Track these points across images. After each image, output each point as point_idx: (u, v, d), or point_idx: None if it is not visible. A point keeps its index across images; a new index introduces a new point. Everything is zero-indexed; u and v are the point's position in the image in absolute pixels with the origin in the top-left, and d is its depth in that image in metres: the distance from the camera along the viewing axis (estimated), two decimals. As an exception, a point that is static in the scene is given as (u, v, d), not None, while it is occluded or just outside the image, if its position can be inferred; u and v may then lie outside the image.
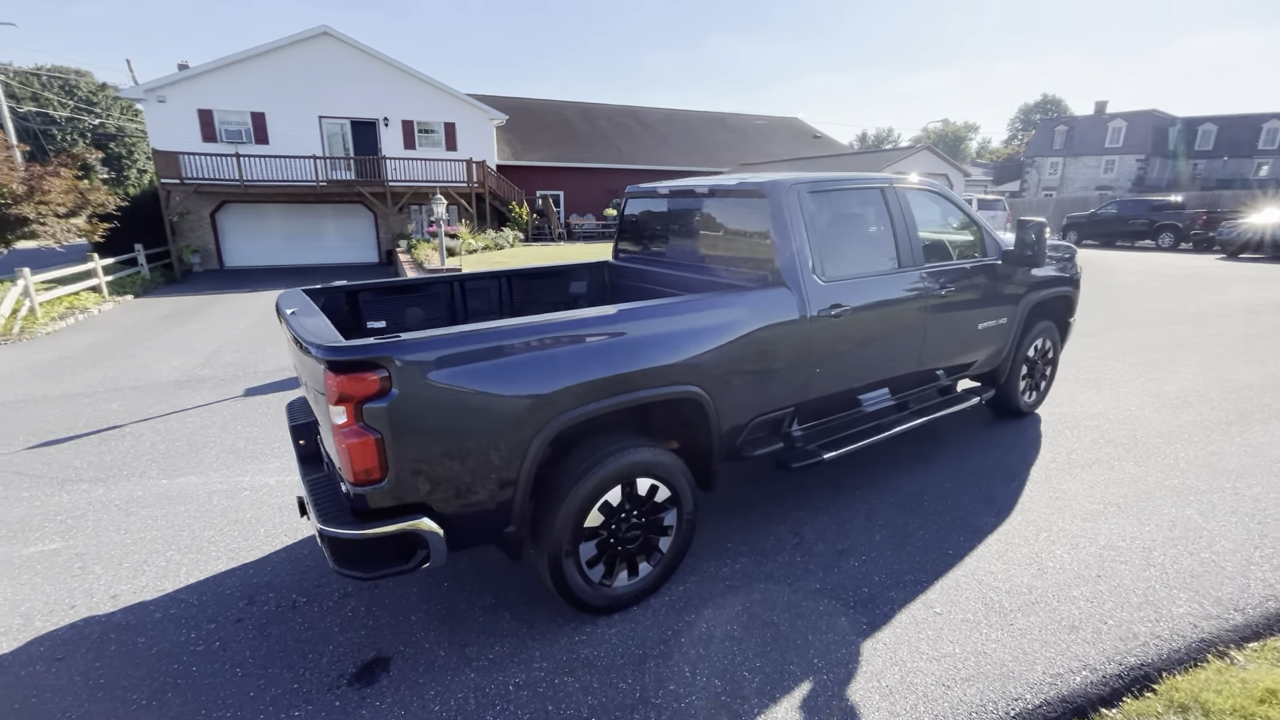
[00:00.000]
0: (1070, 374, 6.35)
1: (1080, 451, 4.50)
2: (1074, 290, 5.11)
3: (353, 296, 3.71)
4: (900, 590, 3.02)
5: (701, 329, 2.87)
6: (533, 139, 26.91)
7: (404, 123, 21.82)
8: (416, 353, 2.18)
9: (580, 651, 2.69)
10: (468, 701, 2.44)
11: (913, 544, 3.41)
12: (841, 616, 2.85)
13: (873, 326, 3.62)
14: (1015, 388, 4.88)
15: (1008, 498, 3.87)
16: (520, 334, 2.39)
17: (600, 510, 2.72)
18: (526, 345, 2.40)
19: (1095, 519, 3.59)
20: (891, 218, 3.79)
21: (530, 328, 2.42)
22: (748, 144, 32.25)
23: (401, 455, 2.21)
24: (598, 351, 2.55)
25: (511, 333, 2.37)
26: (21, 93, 51.66)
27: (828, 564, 3.25)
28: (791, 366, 3.25)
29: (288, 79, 19.90)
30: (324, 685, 2.54)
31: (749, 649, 2.66)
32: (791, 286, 3.25)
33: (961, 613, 2.85)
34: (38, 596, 3.20)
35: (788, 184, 3.37)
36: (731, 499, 3.96)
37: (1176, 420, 5.05)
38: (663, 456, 2.85)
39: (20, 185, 10.72)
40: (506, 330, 2.38)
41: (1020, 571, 3.13)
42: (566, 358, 2.48)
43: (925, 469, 4.30)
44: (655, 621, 2.86)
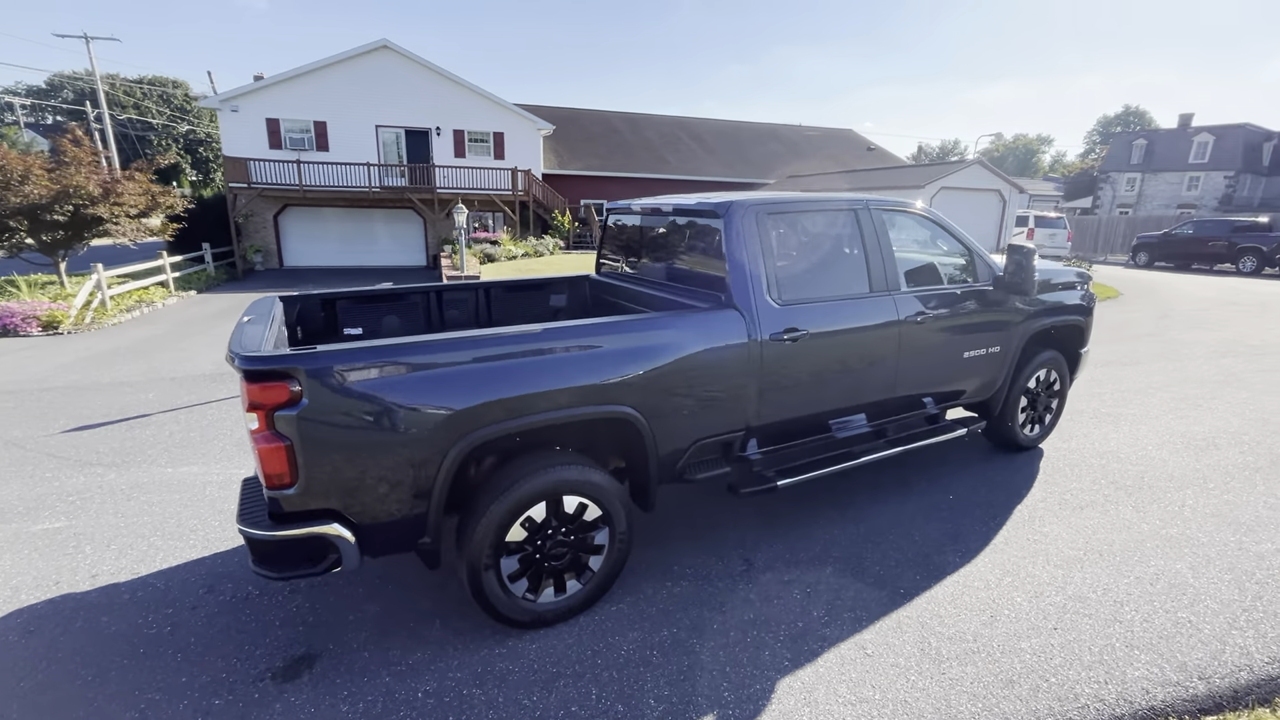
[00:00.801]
0: (1091, 407, 5.96)
1: (1076, 492, 4.22)
2: (1085, 319, 4.82)
3: (329, 304, 3.88)
4: (836, 628, 2.92)
5: (632, 350, 2.86)
6: (579, 148, 27.36)
7: (455, 132, 22.60)
8: (326, 364, 2.27)
9: (496, 664, 2.72)
10: (375, 705, 2.50)
11: (864, 579, 3.28)
12: (767, 650, 2.78)
13: (837, 352, 3.52)
14: (1013, 420, 4.63)
15: (981, 537, 3.68)
16: (434, 350, 2.45)
17: (523, 526, 2.75)
18: (440, 361, 2.46)
19: (1070, 566, 3.37)
20: (864, 241, 3.68)
21: (444, 344, 2.48)
22: (798, 156, 31.80)
23: (311, 462, 2.30)
24: (516, 369, 2.59)
25: (425, 348, 2.44)
26: (125, 101, 56.32)
27: (769, 594, 3.17)
28: (738, 390, 3.20)
29: (348, 90, 20.96)
30: (250, 677, 2.66)
31: (662, 676, 2.63)
32: (742, 309, 3.20)
33: (894, 656, 2.73)
34: (30, 571, 3.47)
35: (744, 205, 3.33)
36: (691, 520, 3.91)
37: (1196, 463, 4.67)
38: (592, 475, 2.85)
39: (97, 188, 11.69)
40: (419, 346, 2.44)
41: (970, 618, 2.97)
42: (482, 374, 2.52)
43: (902, 501, 4.13)
44: (578, 640, 2.86)
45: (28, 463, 4.96)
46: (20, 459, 5.04)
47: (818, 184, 23.95)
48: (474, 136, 22.93)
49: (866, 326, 3.59)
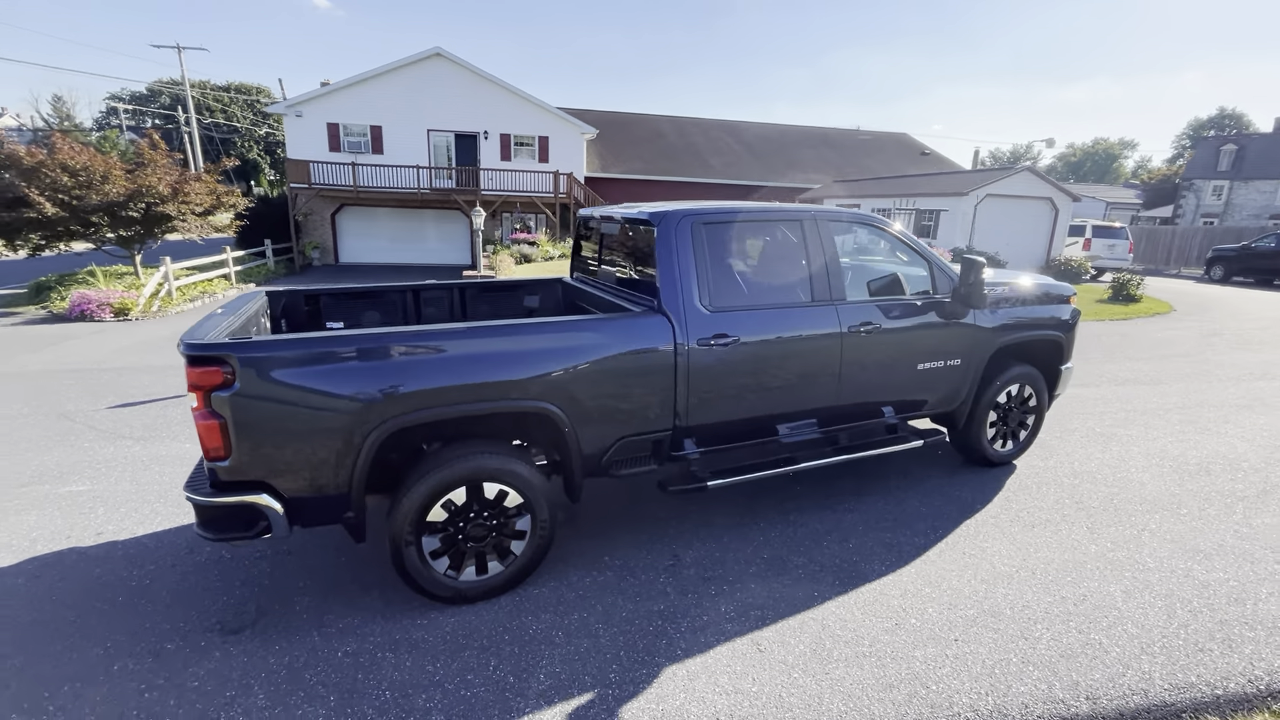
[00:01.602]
0: (1086, 425, 5.75)
1: (1034, 510, 4.14)
2: (1064, 334, 4.69)
3: (314, 299, 4.25)
4: (740, 624, 3.03)
5: (552, 350, 3.06)
6: (623, 151, 27.72)
7: (502, 136, 23.35)
8: (256, 353, 2.57)
9: (414, 633, 2.97)
10: (298, 660, 2.79)
11: (784, 580, 3.37)
12: (665, 640, 2.92)
13: (772, 359, 3.61)
14: (979, 434, 4.57)
15: (916, 548, 3.68)
16: (355, 342, 2.72)
17: (444, 507, 2.99)
18: (361, 353, 2.73)
19: (996, 582, 3.35)
20: (807, 250, 3.76)
21: (366, 337, 2.75)
22: (847, 160, 31.19)
23: (242, 439, 2.61)
24: (434, 363, 2.83)
25: (347, 341, 2.72)
26: (214, 106, 60.60)
27: (685, 588, 3.31)
28: (663, 392, 3.35)
29: (403, 95, 22.01)
30: (201, 628, 3.00)
31: (560, 655, 2.81)
32: (671, 314, 3.35)
33: (785, 654, 2.82)
34: (49, 526, 3.96)
35: (677, 214, 3.47)
36: (634, 515, 4.07)
37: (1177, 488, 4.48)
38: (513, 465, 3.07)
39: (166, 188, 12.80)
40: (342, 338, 2.72)
41: (874, 624, 3.02)
42: (401, 366, 2.78)
43: (851, 508, 4.16)
44: (494, 618, 3.08)
45: (72, 433, 5.59)
46: (67, 430, 5.68)
47: (863, 189, 23.45)
48: (520, 140, 23.62)
49: (805, 335, 3.67)
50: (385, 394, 2.74)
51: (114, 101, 67.42)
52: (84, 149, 12.75)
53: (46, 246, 12.72)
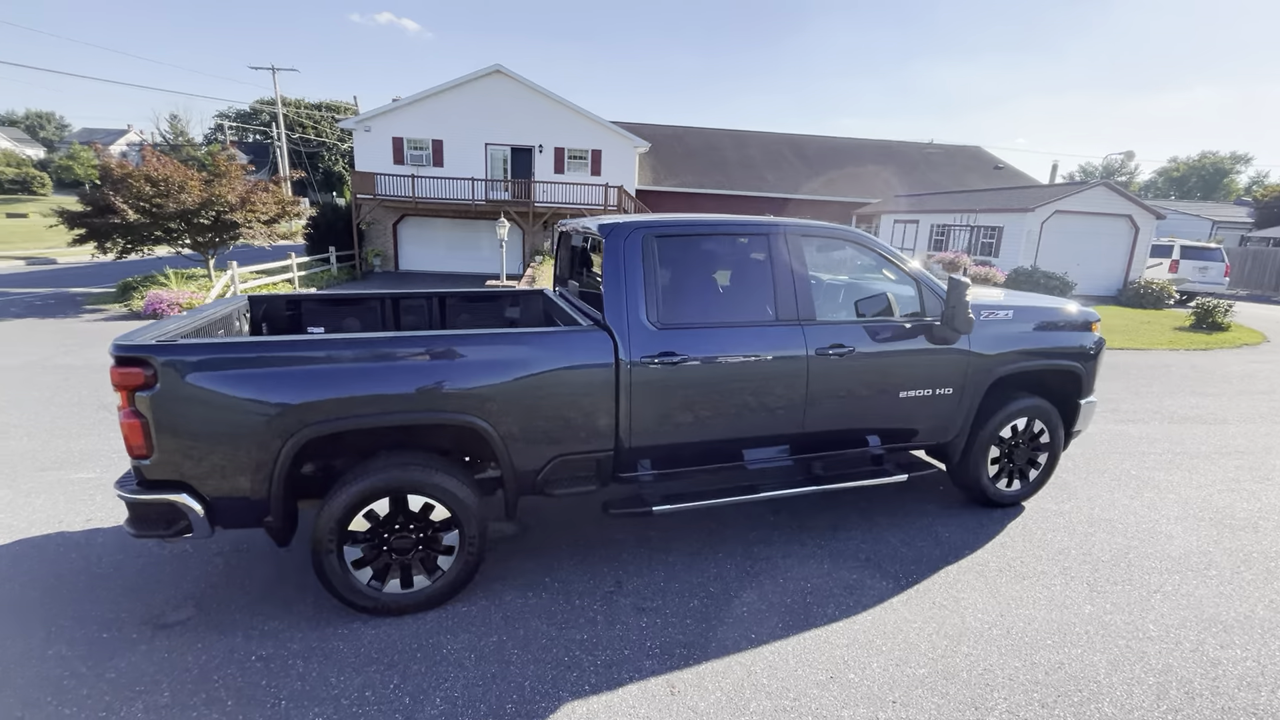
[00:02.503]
0: (1122, 466, 5.16)
1: (1030, 559, 3.72)
2: (1083, 365, 4.23)
3: (295, 305, 4.37)
4: (661, 661, 2.84)
5: (479, 363, 2.99)
6: (677, 165, 27.73)
7: (556, 149, 23.84)
8: (174, 356, 2.63)
9: (330, 643, 2.94)
10: (214, 660, 2.82)
11: (725, 618, 3.14)
12: (577, 672, 2.77)
13: (728, 380, 3.41)
14: (977, 471, 4.17)
15: (880, 593, 3.37)
16: (270, 349, 2.74)
17: (366, 517, 2.97)
18: (279, 359, 2.74)
19: (963, 639, 3.00)
20: (773, 266, 3.54)
21: (279, 344, 2.77)
22: (911, 175, 30.02)
23: (163, 439, 2.67)
24: (349, 372, 2.81)
25: (262, 347, 2.74)
26: (306, 122, 65.17)
27: (616, 617, 3.14)
28: (603, 411, 3.21)
29: (463, 111, 22.87)
30: (138, 619, 3.09)
31: (463, 679, 2.71)
32: (614, 330, 3.22)
33: (698, 700, 2.61)
34: (49, 510, 4.22)
35: (626, 227, 3.35)
36: (591, 536, 3.93)
37: (1211, 546, 3.92)
38: (439, 478, 3.01)
39: (235, 198, 13.75)
40: (261, 344, 2.75)
41: (808, 674, 2.76)
42: (316, 375, 2.78)
43: (823, 543, 3.87)
44: (413, 633, 3.01)
45: (104, 424, 5.99)
46: (104, 420, 6.10)
47: (922, 204, 22.45)
48: (573, 154, 24.04)
49: (764, 357, 3.45)
50: (300, 402, 2.74)
51: (221, 119, 73.72)
52: (168, 161, 13.90)
53: (132, 250, 13.89)
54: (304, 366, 2.77)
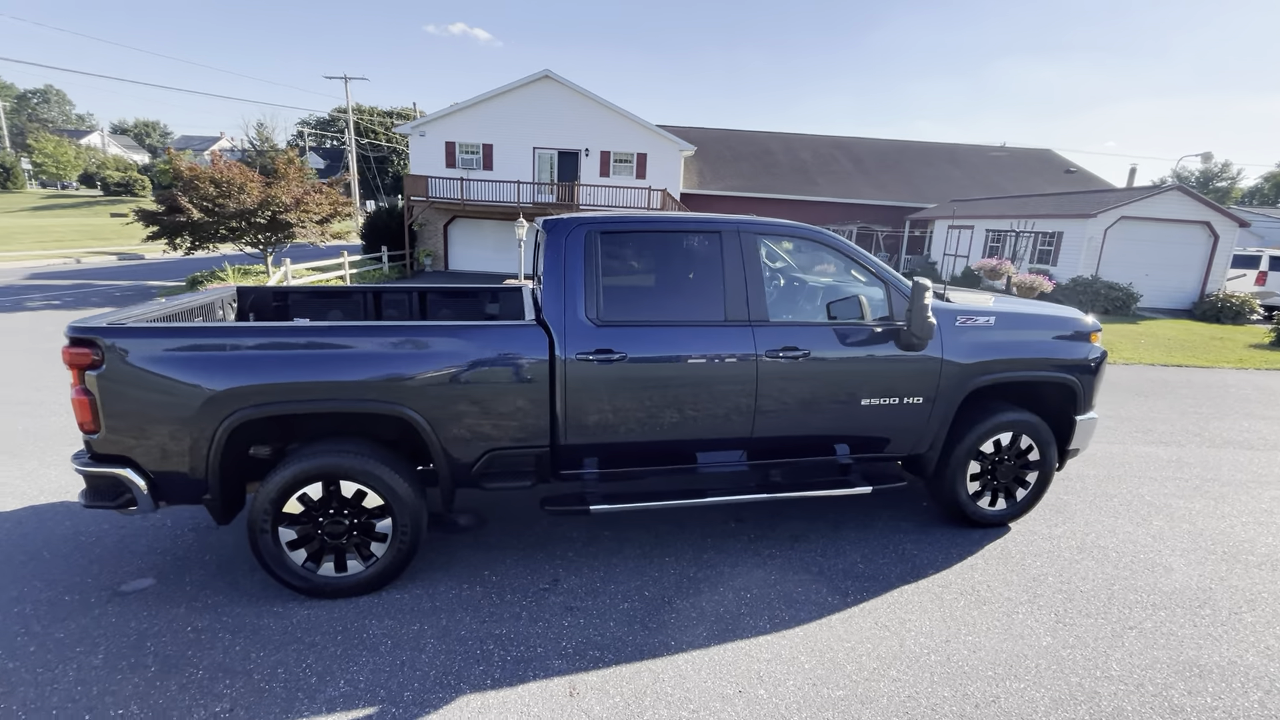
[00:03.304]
0: (1137, 490, 4.73)
1: (996, 585, 3.46)
2: (1079, 378, 3.90)
3: (282, 296, 4.58)
4: (571, 662, 2.80)
5: (408, 355, 3.03)
6: (723, 169, 27.48)
7: (602, 153, 24.09)
8: (118, 338, 2.80)
9: (262, 620, 3.05)
10: (153, 629, 2.97)
11: (650, 623, 3.07)
12: (483, 665, 2.77)
13: (669, 380, 3.34)
14: (953, 487, 3.91)
15: (822, 608, 3.21)
16: (205, 335, 2.87)
17: (300, 500, 3.06)
18: (213, 345, 2.87)
19: (895, 663, 2.82)
20: (724, 265, 3.44)
21: (218, 331, 2.89)
22: (973, 178, 28.65)
23: (108, 416, 2.84)
24: (280, 359, 2.91)
25: (200, 333, 2.87)
26: (377, 129, 68.48)
27: (541, 615, 3.12)
28: (536, 406, 3.20)
29: (512, 115, 23.45)
30: (100, 586, 3.29)
31: (373, 664, 2.75)
32: (550, 325, 3.21)
33: (595, 704, 2.56)
34: (60, 482, 4.57)
35: (573, 222, 3.33)
36: (541, 532, 3.92)
37: (1214, 583, 3.53)
38: (370, 466, 3.07)
39: (289, 198, 14.58)
40: (196, 330, 2.88)
41: (715, 687, 2.66)
42: (249, 361, 2.89)
43: (778, 553, 3.73)
44: (343, 616, 3.09)
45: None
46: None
47: (978, 209, 21.35)
48: (619, 157, 24.23)
49: (709, 357, 3.35)
50: (230, 387, 2.86)
51: (302, 126, 78.38)
52: (232, 164, 14.88)
53: (198, 247, 14.94)
54: (236, 353, 2.89)
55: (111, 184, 57.03)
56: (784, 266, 4.73)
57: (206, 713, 2.48)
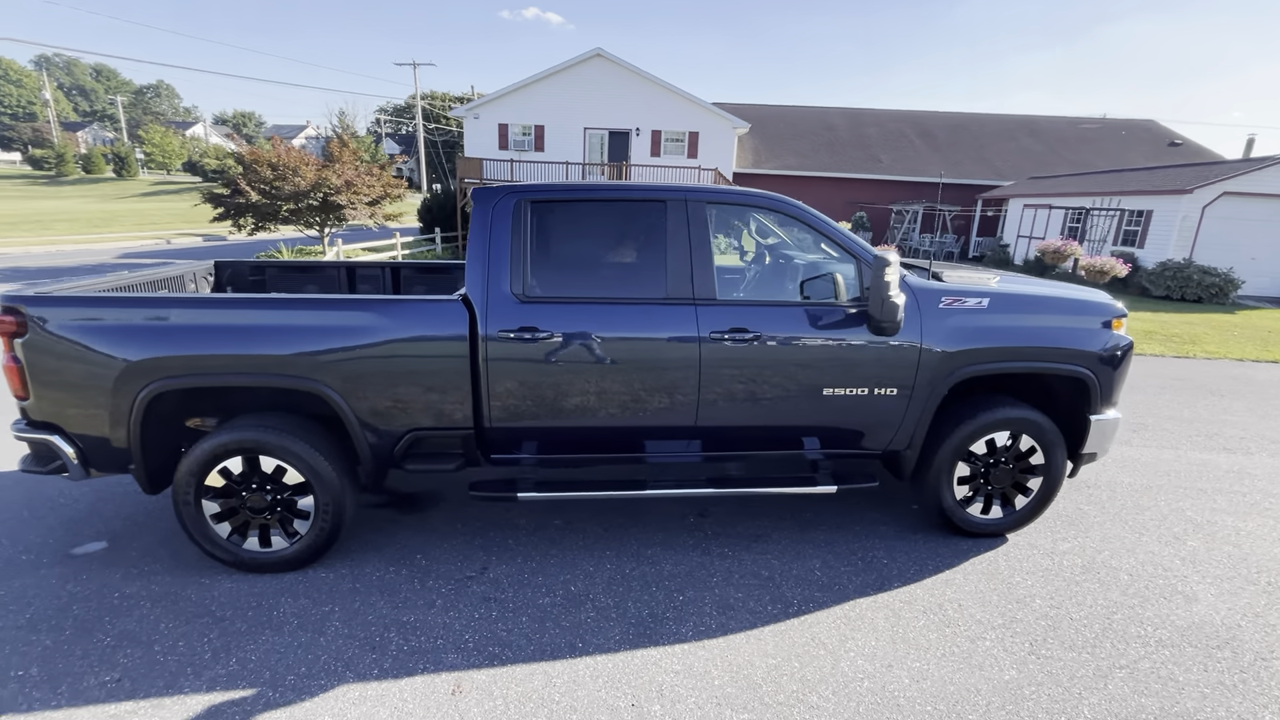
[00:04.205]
0: (1178, 505, 4.08)
1: (971, 606, 3.03)
2: (1095, 370, 3.35)
3: (260, 270, 4.61)
4: (467, 657, 2.64)
5: (321, 329, 2.92)
6: (781, 146, 26.41)
7: (653, 132, 23.67)
8: (38, 307, 2.82)
9: (186, 591, 3.06)
10: (84, 593, 3.03)
11: (564, 621, 2.87)
12: (376, 653, 2.65)
13: (600, 361, 3.08)
14: (937, 491, 3.47)
15: (759, 618, 2.90)
16: (120, 305, 2.85)
17: (221, 474, 3.04)
18: (125, 316, 2.85)
19: (817, 687, 2.49)
20: (667, 238, 3.14)
21: (128, 301, 2.87)
22: (1056, 153, 26.30)
23: (35, 383, 2.89)
24: (191, 331, 2.86)
25: (112, 303, 2.86)
26: (445, 113, 70.42)
27: (455, 604, 2.98)
28: (458, 386, 3.03)
29: (564, 96, 23.36)
30: (58, 547, 3.41)
31: (270, 643, 2.69)
32: (474, 301, 3.02)
33: (474, 704, 2.39)
34: (67, 445, 4.83)
35: (501, 192, 3.11)
36: (487, 517, 3.78)
37: (1249, 620, 2.96)
38: (289, 442, 3.00)
39: (340, 180, 15.09)
40: (108, 300, 2.87)
41: (607, 697, 2.43)
42: (161, 332, 2.85)
43: (732, 554, 3.43)
44: (262, 592, 3.05)
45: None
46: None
47: (1058, 186, 19.48)
48: (670, 136, 23.74)
49: (646, 339, 3.08)
50: (146, 357, 2.84)
51: (380, 113, 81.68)
52: (291, 149, 15.54)
53: (260, 228, 15.73)
54: (151, 324, 2.87)
55: (209, 171, 61.53)
56: (777, 243, 4.34)
57: (96, 680, 2.48)
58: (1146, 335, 9.99)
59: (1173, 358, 8.56)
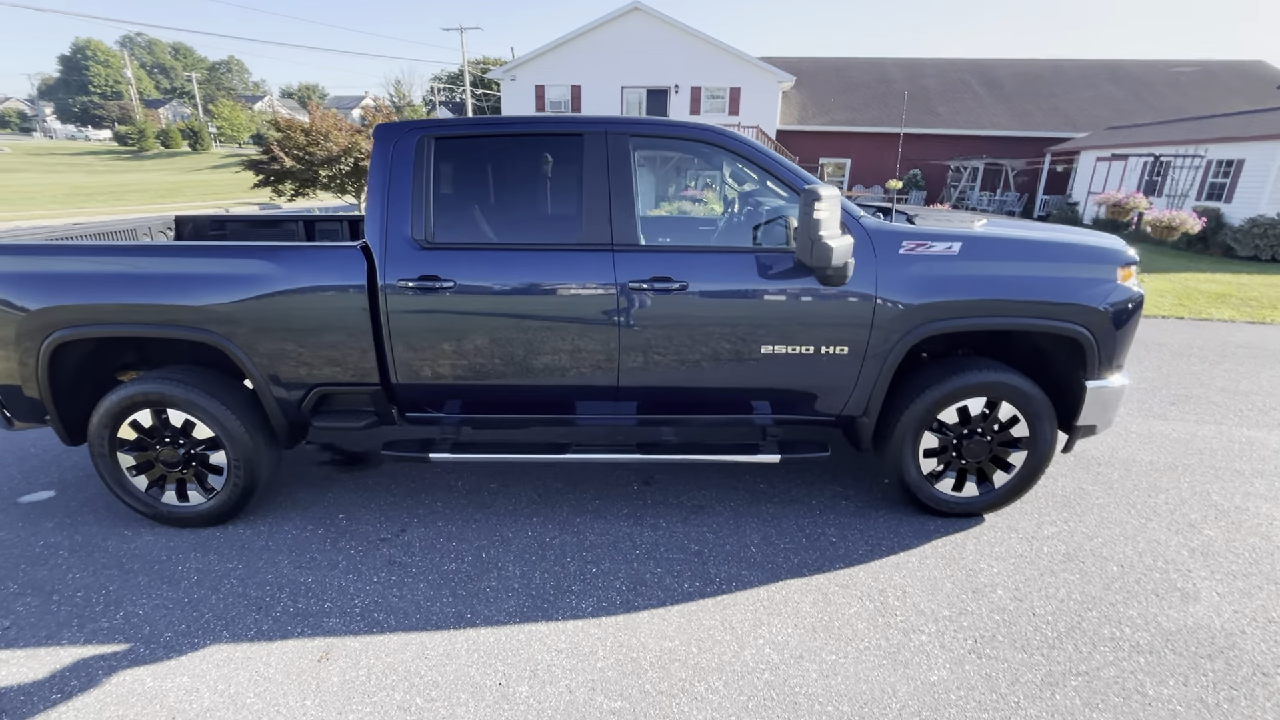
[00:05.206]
0: (1201, 487, 3.51)
1: (919, 594, 2.66)
2: (1092, 328, 2.84)
3: (220, 225, 4.55)
4: (350, 623, 2.51)
5: (214, 277, 2.77)
6: (829, 101, 24.92)
7: (692, 89, 22.75)
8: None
9: (106, 543, 3.05)
10: (14, 540, 3.06)
11: (461, 590, 2.69)
12: (258, 614, 2.56)
13: (506, 313, 2.83)
14: (900, 464, 3.07)
15: (673, 595, 2.65)
16: (15, 253, 2.78)
17: (132, 427, 2.99)
18: (25, 264, 2.78)
19: (698, 675, 2.23)
20: (584, 177, 2.81)
21: (22, 249, 2.79)
22: (1142, 102, 23.75)
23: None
24: (89, 280, 2.76)
25: (8, 250, 2.79)
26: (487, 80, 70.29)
27: (356, 566, 2.85)
28: (359, 340, 2.84)
29: (600, 54, 22.68)
30: (8, 495, 3.49)
31: (162, 599, 2.64)
32: (373, 248, 2.81)
33: (337, 675, 2.25)
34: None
35: (403, 128, 2.85)
36: (428, 479, 3.63)
37: (1252, 627, 2.47)
38: (194, 395, 2.90)
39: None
40: (11, 249, 2.80)
41: (480, 675, 2.24)
42: (61, 281, 2.77)
43: (664, 526, 3.16)
44: (177, 546, 3.01)
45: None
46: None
47: (1136, 136, 17.54)
48: (710, 93, 22.78)
49: (557, 287, 2.79)
50: (45, 305, 2.77)
51: (435, 81, 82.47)
52: (327, 114, 15.72)
53: (300, 194, 16.12)
54: (50, 272, 2.79)
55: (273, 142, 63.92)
56: (755, 189, 3.93)
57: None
58: (1218, 298, 8.88)
59: (1245, 323, 7.55)
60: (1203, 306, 8.32)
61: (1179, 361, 5.91)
